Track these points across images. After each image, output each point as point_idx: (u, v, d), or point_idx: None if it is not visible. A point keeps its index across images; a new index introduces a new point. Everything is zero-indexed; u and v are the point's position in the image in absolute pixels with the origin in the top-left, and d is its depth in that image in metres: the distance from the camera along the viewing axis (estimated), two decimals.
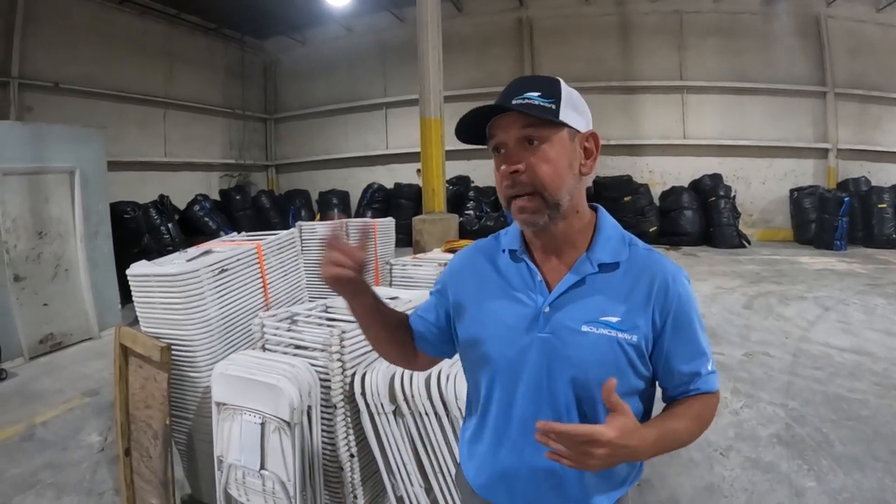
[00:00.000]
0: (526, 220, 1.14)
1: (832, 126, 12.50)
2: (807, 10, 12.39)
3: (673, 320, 1.16)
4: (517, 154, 1.12)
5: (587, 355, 1.13)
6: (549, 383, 1.17)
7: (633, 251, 1.20)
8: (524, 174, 1.11)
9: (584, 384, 1.14)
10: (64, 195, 6.26)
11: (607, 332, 1.13)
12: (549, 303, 1.17)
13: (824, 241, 11.23)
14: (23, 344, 5.64)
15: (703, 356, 1.20)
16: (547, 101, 1.10)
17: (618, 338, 1.13)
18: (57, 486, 3.30)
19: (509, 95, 1.12)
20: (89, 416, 4.32)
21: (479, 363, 1.27)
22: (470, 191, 13.10)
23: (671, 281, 1.16)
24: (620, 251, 1.19)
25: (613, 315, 1.14)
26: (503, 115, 1.12)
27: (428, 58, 7.66)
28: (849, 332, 5.69)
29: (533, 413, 1.17)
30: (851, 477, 3.09)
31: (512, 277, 1.24)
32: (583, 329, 1.14)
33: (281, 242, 3.07)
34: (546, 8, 13.41)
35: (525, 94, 1.11)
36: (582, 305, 1.16)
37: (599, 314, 1.14)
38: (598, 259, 1.17)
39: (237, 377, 2.10)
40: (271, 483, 2.03)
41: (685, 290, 1.18)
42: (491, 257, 1.31)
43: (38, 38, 9.72)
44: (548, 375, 1.17)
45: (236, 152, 15.16)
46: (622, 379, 1.12)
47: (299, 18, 14.12)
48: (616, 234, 1.22)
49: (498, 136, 1.14)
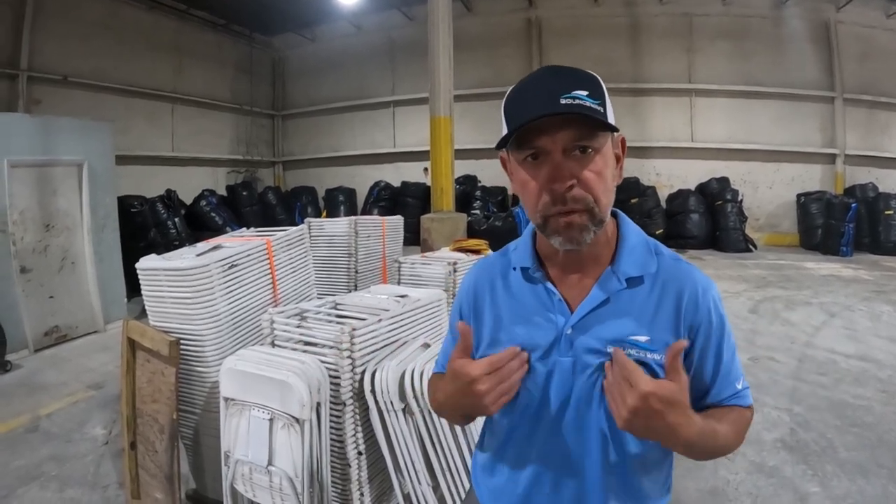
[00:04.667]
0: (573, 237, 1.01)
1: (840, 131, 12.47)
2: (817, 14, 12.36)
3: (704, 337, 1.07)
4: (567, 165, 0.97)
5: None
6: (577, 416, 1.08)
7: (661, 261, 1.10)
8: (577, 189, 0.98)
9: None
10: (72, 188, 6.27)
11: (636, 353, 1.02)
12: (571, 324, 1.06)
13: (830, 247, 11.19)
14: (28, 336, 5.65)
15: (735, 374, 1.12)
16: (596, 102, 0.96)
17: (647, 359, 1.03)
18: (61, 479, 3.31)
19: (553, 93, 0.95)
20: (94, 409, 4.33)
21: None
22: (477, 190, 13.11)
23: (701, 294, 1.07)
24: (648, 263, 1.09)
25: (642, 334, 1.04)
26: (549, 118, 0.94)
27: (438, 57, 7.65)
28: (854, 339, 5.67)
29: (555, 443, 1.10)
30: (855, 483, 3.08)
31: (526, 298, 1.13)
32: (609, 350, 1.03)
33: (290, 239, 3.07)
34: (555, 8, 13.43)
35: (573, 91, 0.95)
36: (608, 325, 1.05)
37: (627, 333, 1.04)
38: (625, 273, 1.07)
39: (246, 372, 2.10)
40: (278, 479, 2.03)
41: (716, 303, 1.09)
42: (501, 277, 1.19)
43: (47, 31, 9.77)
44: (575, 406, 1.08)
45: (243, 148, 15.22)
46: None
47: (309, 15, 14.18)
48: (640, 242, 1.12)
49: (540, 142, 0.98)
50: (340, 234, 4.42)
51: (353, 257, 4.38)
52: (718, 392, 1.10)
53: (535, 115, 0.93)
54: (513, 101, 1.01)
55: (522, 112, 0.95)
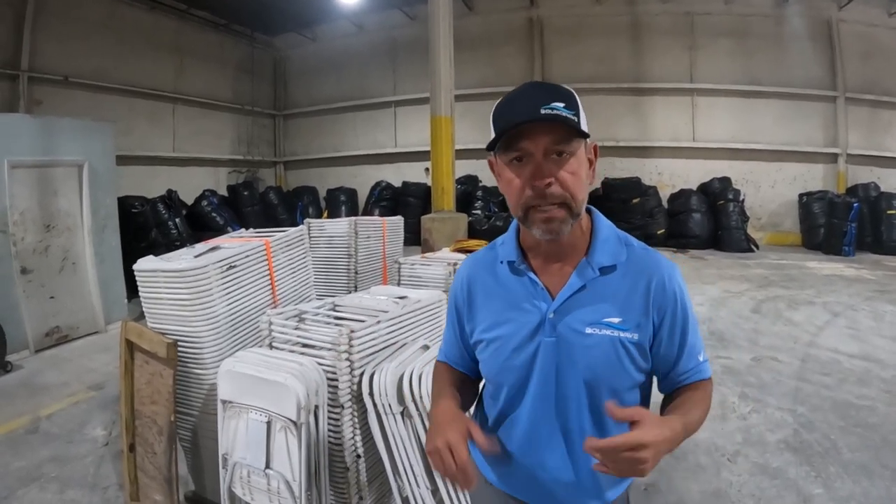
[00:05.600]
0: (552, 229, 1.16)
1: (842, 131, 12.41)
2: (819, 13, 12.31)
3: (671, 317, 1.22)
4: (546, 166, 1.12)
5: (592, 356, 1.19)
6: (558, 386, 1.23)
7: (630, 252, 1.25)
8: (555, 186, 1.12)
9: (591, 384, 1.21)
10: (72, 188, 6.27)
11: (610, 333, 1.19)
12: (553, 309, 1.22)
13: (833, 247, 11.14)
14: (29, 336, 5.65)
15: (698, 348, 1.27)
16: (571, 113, 1.11)
17: (620, 337, 1.19)
18: (61, 480, 3.30)
19: (535, 104, 1.11)
20: (94, 409, 4.33)
21: (490, 375, 1.35)
22: (478, 190, 13.07)
23: (667, 279, 1.22)
24: (619, 253, 1.24)
25: (615, 316, 1.20)
26: (532, 125, 1.11)
27: (439, 56, 7.64)
28: (857, 339, 5.65)
29: (542, 415, 1.26)
30: (859, 485, 3.06)
31: (514, 288, 1.28)
32: (587, 331, 1.19)
33: (289, 239, 3.06)
34: (557, 7, 13.39)
35: (552, 103, 1.11)
36: (585, 309, 1.21)
37: (602, 316, 1.20)
38: (599, 263, 1.22)
39: (244, 374, 2.09)
40: (276, 482, 2.02)
41: (680, 287, 1.24)
42: (490, 270, 1.35)
43: (48, 31, 9.76)
44: (556, 378, 1.23)
45: (245, 148, 15.20)
46: (625, 375, 1.21)
47: (310, 15, 14.16)
48: (612, 234, 1.27)
49: (524, 146, 1.13)
50: (340, 235, 4.40)
51: (352, 258, 4.36)
52: (685, 364, 1.26)
53: (519, 121, 1.10)
54: (501, 110, 1.17)
55: (509, 119, 1.12)
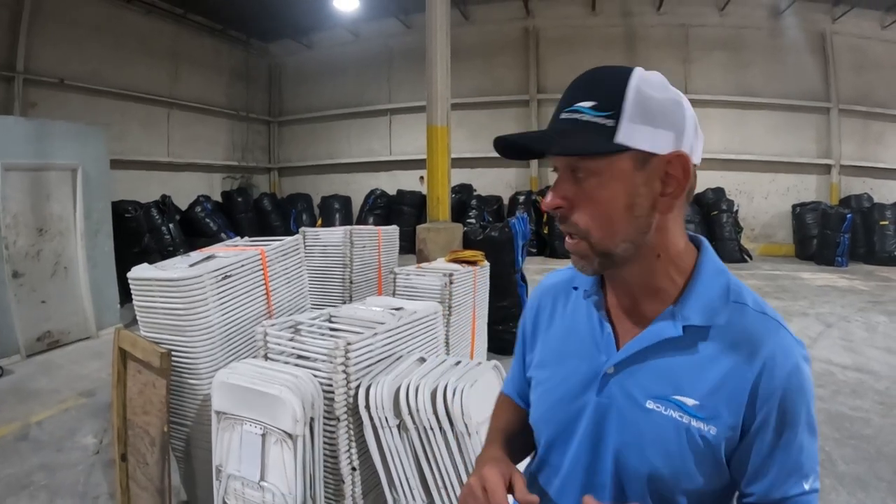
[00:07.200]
0: (574, 263, 0.93)
1: (835, 142, 12.53)
2: (812, 25, 12.44)
3: (776, 417, 0.84)
4: (562, 184, 0.88)
5: (645, 438, 0.89)
6: (593, 456, 0.96)
7: (736, 313, 0.90)
8: (566, 211, 0.88)
9: (630, 469, 0.92)
10: (66, 192, 6.24)
11: (678, 416, 0.87)
12: (613, 363, 0.94)
13: (826, 258, 11.23)
14: (20, 341, 5.60)
15: (806, 470, 0.87)
16: (601, 116, 0.82)
17: (690, 425, 0.86)
18: (50, 489, 3.26)
19: (561, 105, 0.87)
20: (85, 417, 4.28)
21: (535, 419, 1.09)
22: (472, 199, 13.10)
23: (780, 362, 0.85)
24: (718, 311, 0.89)
25: (691, 396, 0.86)
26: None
27: (436, 65, 7.63)
28: (851, 350, 5.67)
29: (572, 489, 1.00)
30: (854, 496, 3.07)
31: (580, 322, 1.02)
32: (647, 405, 0.89)
33: (285, 249, 3.03)
34: (553, 18, 13.51)
35: (577, 104, 0.84)
36: (654, 374, 0.90)
37: (673, 391, 0.88)
38: (687, 319, 0.89)
39: (238, 386, 2.07)
40: (271, 495, 1.99)
41: (798, 377, 0.85)
42: (565, 292, 1.10)
43: (44, 33, 9.75)
44: (591, 447, 0.96)
45: (239, 154, 15.20)
46: (683, 475, 0.88)
47: (306, 22, 14.19)
48: (717, 284, 0.93)
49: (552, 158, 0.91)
50: (335, 244, 4.38)
51: (347, 268, 4.34)
52: (776, 486, 0.86)
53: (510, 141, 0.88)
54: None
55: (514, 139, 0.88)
